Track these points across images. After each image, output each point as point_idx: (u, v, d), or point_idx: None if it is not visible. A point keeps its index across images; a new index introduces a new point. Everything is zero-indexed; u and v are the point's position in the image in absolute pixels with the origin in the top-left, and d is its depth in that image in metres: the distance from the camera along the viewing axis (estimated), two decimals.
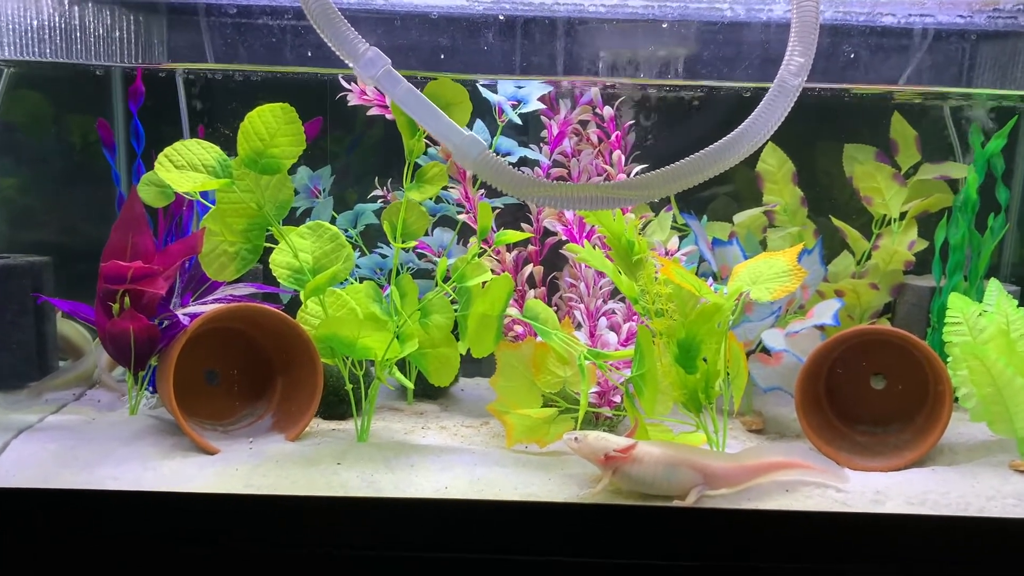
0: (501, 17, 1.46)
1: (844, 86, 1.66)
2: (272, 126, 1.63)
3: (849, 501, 1.57)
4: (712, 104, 2.08)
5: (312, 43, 1.20)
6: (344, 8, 1.23)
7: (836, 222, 2.16)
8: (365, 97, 1.74)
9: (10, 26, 1.60)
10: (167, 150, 1.62)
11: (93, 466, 1.60)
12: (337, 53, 1.18)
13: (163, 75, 1.94)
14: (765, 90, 1.25)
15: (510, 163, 1.87)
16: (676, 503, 1.52)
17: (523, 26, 1.50)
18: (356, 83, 1.77)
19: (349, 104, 1.79)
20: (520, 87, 1.74)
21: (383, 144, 2.21)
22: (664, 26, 1.48)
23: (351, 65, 1.21)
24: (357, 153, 2.29)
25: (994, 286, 1.78)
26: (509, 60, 1.53)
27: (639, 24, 1.46)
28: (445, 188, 1.91)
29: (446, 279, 1.73)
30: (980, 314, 1.74)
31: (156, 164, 1.60)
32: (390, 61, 1.19)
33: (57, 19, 1.72)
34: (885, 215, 2.12)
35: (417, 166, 1.71)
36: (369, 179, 2.04)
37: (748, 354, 1.96)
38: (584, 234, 1.87)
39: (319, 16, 1.17)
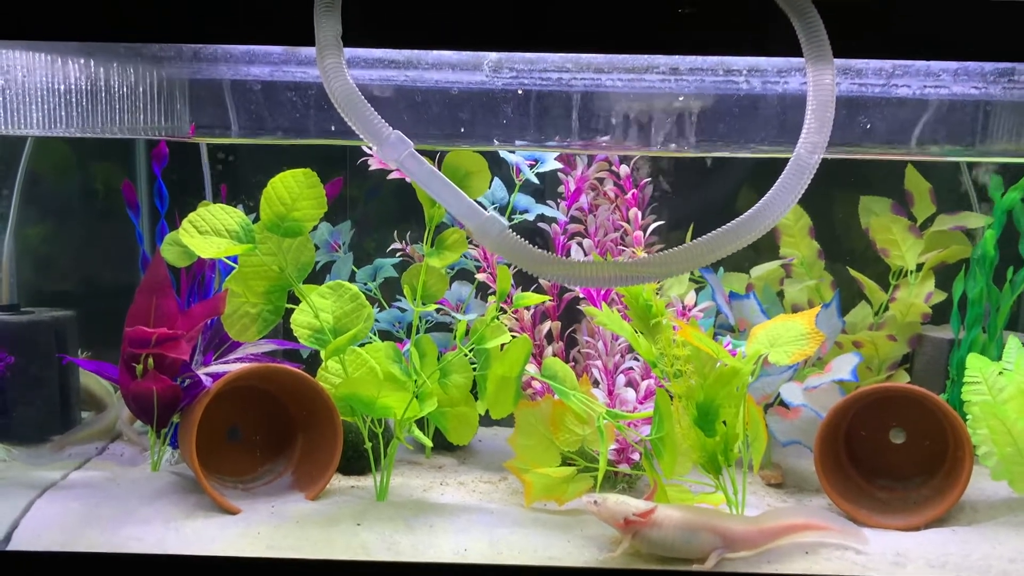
0: (520, 91, 1.49)
1: (860, 156, 1.67)
2: (294, 191, 1.65)
3: (870, 564, 1.56)
4: (728, 165, 2.10)
5: (337, 118, 1.22)
6: (365, 84, 1.25)
7: (854, 273, 2.16)
8: (385, 164, 1.77)
9: (37, 97, 1.64)
10: (191, 216, 1.64)
11: (116, 526, 1.62)
12: (361, 136, 1.21)
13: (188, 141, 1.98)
14: (780, 159, 1.27)
15: (527, 220, 1.90)
16: (696, 567, 1.52)
17: (540, 98, 1.53)
18: None
19: (370, 168, 1.82)
20: (534, 161, 1.78)
21: (399, 192, 2.24)
22: (680, 99, 1.50)
23: (374, 148, 1.23)
24: (375, 201, 2.31)
25: (1013, 344, 1.78)
26: (526, 130, 1.56)
27: (656, 96, 1.49)
28: None
29: (465, 338, 1.74)
30: (999, 373, 1.74)
31: (180, 230, 1.62)
32: (412, 144, 1.21)
33: (84, 83, 1.75)
34: (902, 267, 2.13)
35: (441, 226, 1.73)
36: (387, 227, 2.07)
37: (766, 408, 1.96)
38: (602, 293, 1.88)
39: (344, 102, 1.20)
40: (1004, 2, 1.29)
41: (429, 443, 1.81)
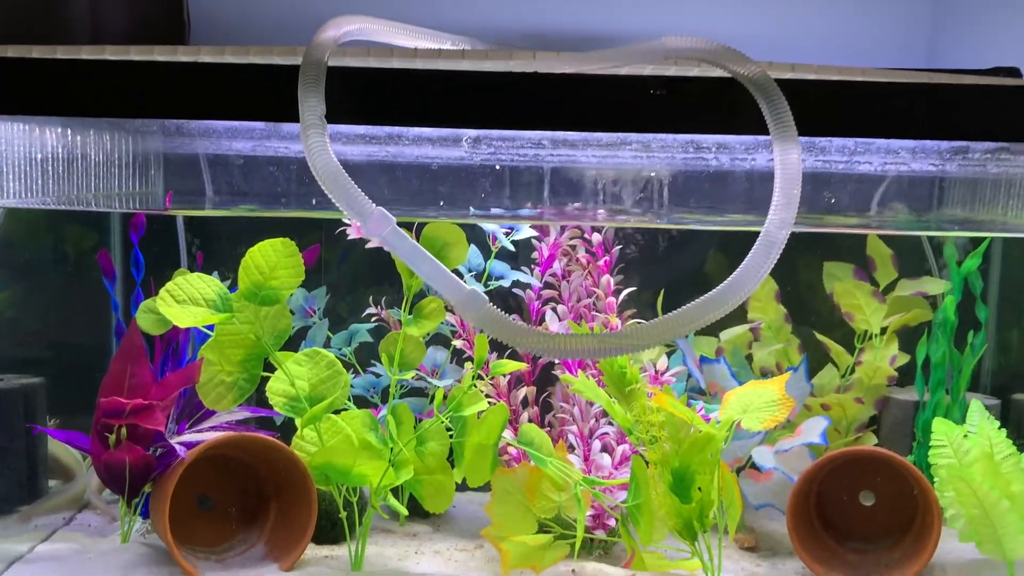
0: (497, 167, 1.53)
1: (824, 230, 1.73)
2: (272, 259, 1.67)
3: None
4: (698, 232, 2.17)
5: (317, 192, 1.25)
6: (346, 158, 1.28)
7: (820, 337, 2.21)
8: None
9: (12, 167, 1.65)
10: (168, 285, 1.65)
11: None
12: (345, 212, 1.23)
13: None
14: (752, 231, 1.31)
15: (503, 286, 1.93)
16: None
17: (517, 172, 1.57)
18: None
19: (348, 238, 1.84)
20: (510, 230, 1.82)
21: (373, 254, 2.26)
22: (652, 174, 1.55)
23: (358, 224, 1.25)
24: (349, 264, 2.33)
25: (975, 407, 1.83)
26: (502, 201, 1.60)
27: (629, 172, 1.54)
28: None
29: (442, 405, 1.75)
30: (964, 436, 1.78)
31: (157, 299, 1.63)
32: (395, 220, 1.24)
33: (60, 151, 1.77)
34: (867, 330, 2.18)
35: (418, 295, 1.75)
36: (361, 290, 2.08)
37: (738, 470, 1.98)
38: (577, 361, 1.90)
39: (328, 179, 1.22)
40: (958, 85, 1.37)
41: (405, 512, 1.80)
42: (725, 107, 1.36)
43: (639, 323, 1.29)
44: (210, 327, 1.76)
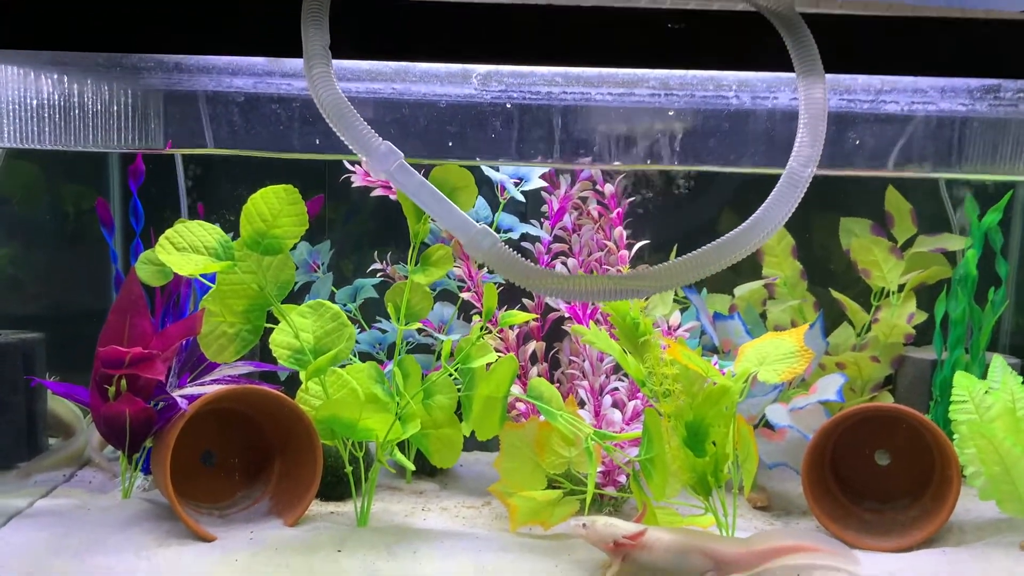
0: (508, 105, 1.47)
1: (849, 173, 1.68)
2: (275, 207, 1.62)
3: None
4: (711, 185, 2.10)
5: (321, 131, 1.20)
6: (351, 95, 1.23)
7: (836, 294, 2.16)
8: (369, 179, 1.74)
9: (9, 111, 1.60)
10: (168, 232, 1.60)
11: (85, 555, 1.56)
12: (350, 147, 1.18)
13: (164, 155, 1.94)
14: (770, 175, 1.26)
15: (511, 239, 1.88)
16: None
17: (528, 112, 1.51)
18: (359, 164, 1.77)
19: (353, 185, 1.79)
20: (519, 180, 1.76)
21: (377, 213, 2.21)
22: (671, 113, 1.49)
23: (363, 159, 1.20)
24: (353, 222, 2.28)
25: (998, 363, 1.78)
26: (513, 145, 1.54)
27: (646, 111, 1.48)
28: None
29: (450, 358, 1.71)
30: (986, 392, 1.74)
31: (157, 246, 1.58)
32: (403, 155, 1.19)
33: (57, 99, 1.71)
34: (884, 287, 2.13)
35: (424, 246, 1.70)
36: (366, 250, 2.03)
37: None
38: (588, 312, 1.86)
39: (332, 112, 1.17)
40: (990, 20, 1.30)
41: (412, 467, 1.76)
42: (747, 42, 1.30)
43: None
44: (211, 279, 1.71)
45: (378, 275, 2.05)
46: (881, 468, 1.84)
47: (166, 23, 1.31)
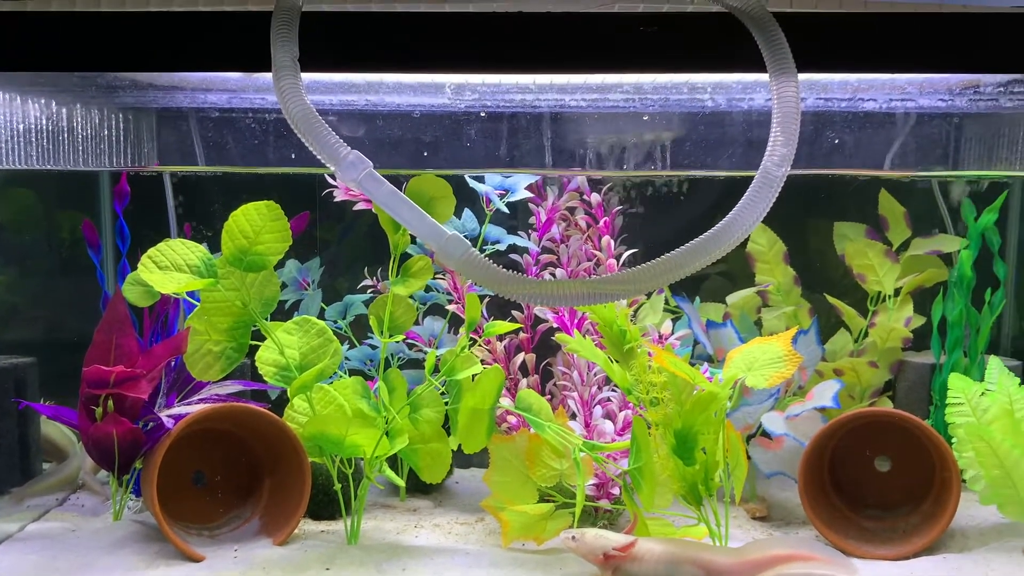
0: (483, 114, 1.47)
1: (829, 172, 1.66)
2: (257, 224, 1.62)
3: None
4: (698, 192, 2.08)
5: (296, 144, 1.20)
6: (325, 109, 1.22)
7: (831, 300, 2.14)
8: (351, 193, 1.74)
9: None
10: (150, 251, 1.60)
11: None
12: (319, 157, 1.18)
13: (151, 176, 1.94)
14: (749, 178, 1.24)
15: (499, 251, 1.87)
16: None
17: (506, 120, 1.50)
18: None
19: (335, 200, 1.79)
20: (507, 177, 1.74)
21: (373, 232, 2.20)
22: (645, 118, 1.48)
23: (332, 169, 1.20)
24: (347, 241, 2.28)
25: (995, 364, 1.75)
26: (493, 154, 1.54)
27: (621, 116, 1.47)
28: (434, 277, 1.89)
29: (435, 371, 1.69)
30: (982, 394, 1.71)
31: (139, 265, 1.58)
32: (371, 164, 1.18)
33: (44, 123, 1.73)
34: (880, 292, 2.10)
35: (405, 256, 1.69)
36: (359, 267, 2.03)
37: (748, 438, 1.91)
38: (575, 322, 1.84)
39: (301, 122, 1.17)
40: (967, 13, 1.29)
41: (402, 483, 1.74)
42: (720, 44, 1.29)
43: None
44: (197, 297, 1.71)
45: (369, 291, 2.04)
46: (880, 474, 1.81)
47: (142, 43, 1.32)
